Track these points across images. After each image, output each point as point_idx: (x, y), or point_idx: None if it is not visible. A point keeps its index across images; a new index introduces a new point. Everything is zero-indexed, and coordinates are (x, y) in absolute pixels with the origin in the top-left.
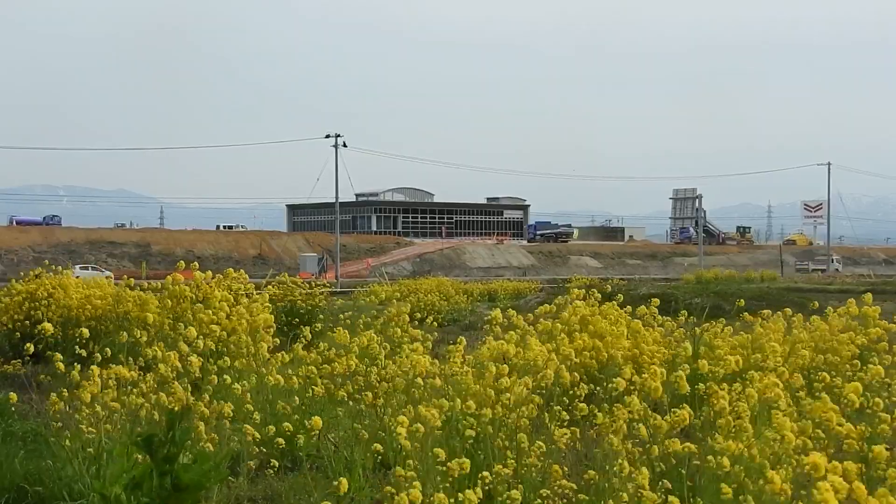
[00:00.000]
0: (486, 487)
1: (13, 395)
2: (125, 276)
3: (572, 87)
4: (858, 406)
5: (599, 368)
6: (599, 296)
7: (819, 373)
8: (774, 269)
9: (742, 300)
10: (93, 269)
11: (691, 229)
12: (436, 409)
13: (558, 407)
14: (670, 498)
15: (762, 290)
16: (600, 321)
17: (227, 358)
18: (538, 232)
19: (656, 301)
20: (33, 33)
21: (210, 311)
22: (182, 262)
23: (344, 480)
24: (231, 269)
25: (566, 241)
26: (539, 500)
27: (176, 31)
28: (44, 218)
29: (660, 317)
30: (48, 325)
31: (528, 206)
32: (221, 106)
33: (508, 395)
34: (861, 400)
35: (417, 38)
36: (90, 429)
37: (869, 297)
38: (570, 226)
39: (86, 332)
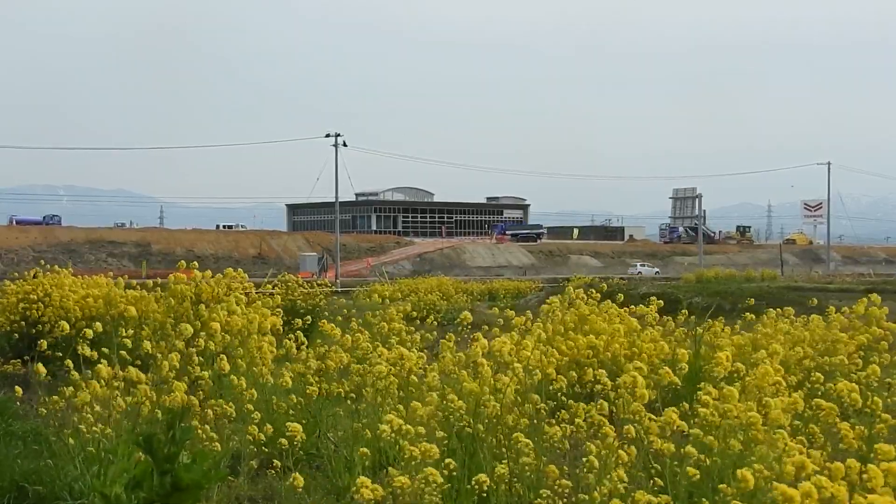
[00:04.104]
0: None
1: (18, 389)
2: (125, 276)
3: (572, 87)
4: (858, 404)
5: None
6: (598, 295)
7: (815, 373)
8: (774, 269)
9: (747, 299)
10: (648, 267)
11: (681, 229)
12: (427, 405)
13: (542, 406)
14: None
15: (762, 289)
16: (597, 320)
17: (239, 360)
18: (507, 232)
19: (659, 302)
20: (33, 33)
21: (224, 313)
22: (182, 262)
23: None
24: (230, 269)
25: (536, 241)
26: (539, 500)
27: (176, 31)
28: (44, 217)
29: (658, 315)
30: (65, 324)
31: (529, 205)
32: (221, 106)
33: (488, 396)
34: (857, 397)
35: (417, 38)
36: (92, 428)
37: (877, 298)
38: (540, 225)
39: (66, 325)
